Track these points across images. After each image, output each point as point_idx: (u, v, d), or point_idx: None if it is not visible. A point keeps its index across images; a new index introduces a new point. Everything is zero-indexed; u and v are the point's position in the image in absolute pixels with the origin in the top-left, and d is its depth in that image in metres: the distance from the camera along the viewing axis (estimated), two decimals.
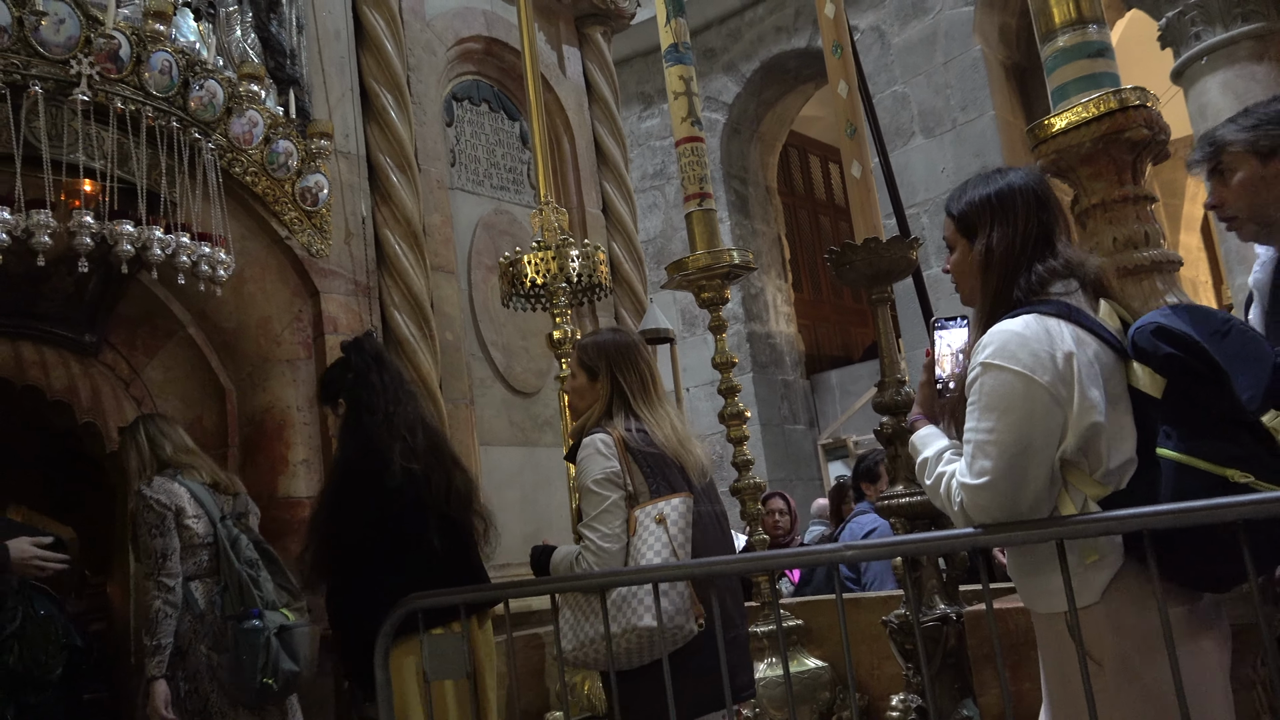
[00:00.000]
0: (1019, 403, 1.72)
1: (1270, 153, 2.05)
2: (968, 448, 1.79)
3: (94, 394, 3.82)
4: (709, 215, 3.76)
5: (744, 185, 10.31)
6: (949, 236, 2.00)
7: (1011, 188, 1.91)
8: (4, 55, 2.94)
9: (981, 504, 1.74)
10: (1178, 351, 1.69)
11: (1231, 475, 1.62)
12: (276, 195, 3.93)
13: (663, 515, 2.55)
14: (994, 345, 1.78)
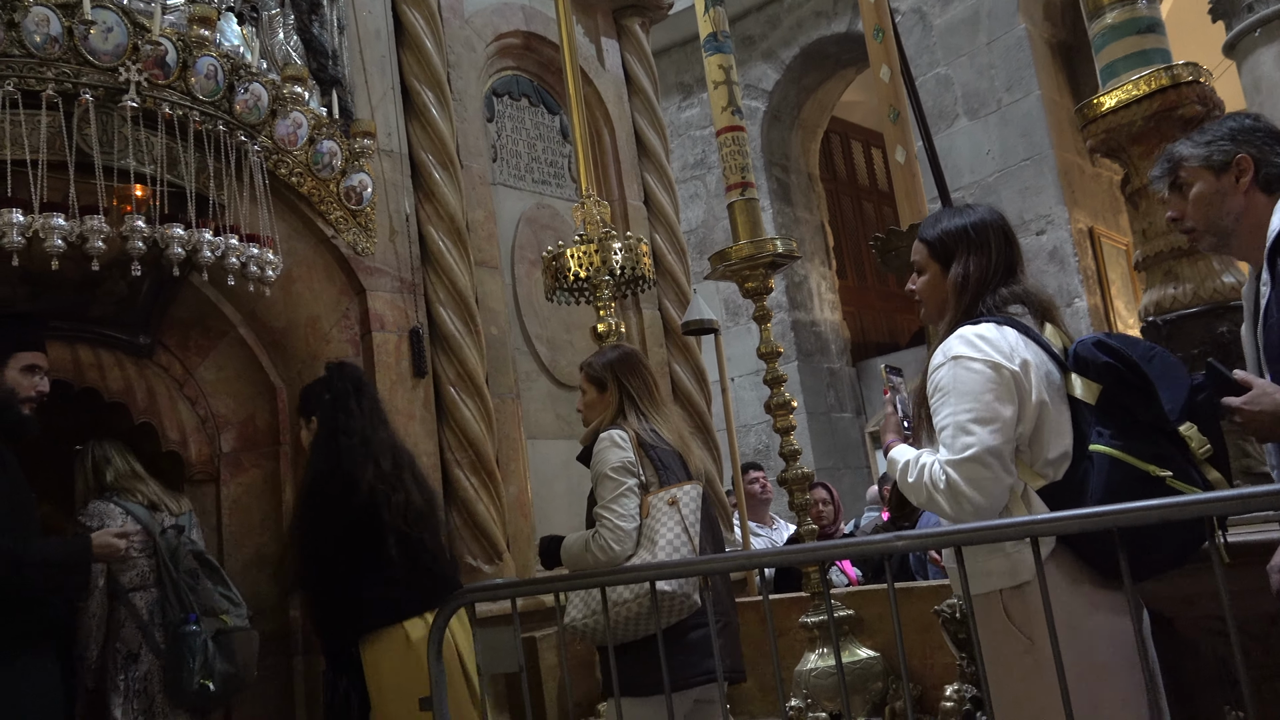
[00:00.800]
0: (990, 385, 1.98)
1: (1223, 167, 2.14)
2: (947, 431, 2.00)
3: (149, 395, 3.89)
4: (751, 204, 3.74)
5: (785, 173, 10.24)
6: (920, 260, 2.25)
7: (984, 222, 2.21)
8: (55, 65, 3.00)
9: (970, 475, 1.94)
10: (1113, 361, 1.97)
11: (1153, 470, 1.89)
12: (322, 195, 3.97)
13: (675, 498, 2.79)
14: (961, 342, 2.05)
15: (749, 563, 2.27)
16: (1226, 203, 2.14)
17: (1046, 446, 2.01)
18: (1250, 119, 2.19)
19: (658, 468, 2.87)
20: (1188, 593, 2.35)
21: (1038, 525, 1.84)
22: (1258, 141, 2.14)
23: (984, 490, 1.95)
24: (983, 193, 8.25)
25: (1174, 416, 1.94)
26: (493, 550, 4.15)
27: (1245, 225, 2.13)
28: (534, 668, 3.93)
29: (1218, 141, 2.16)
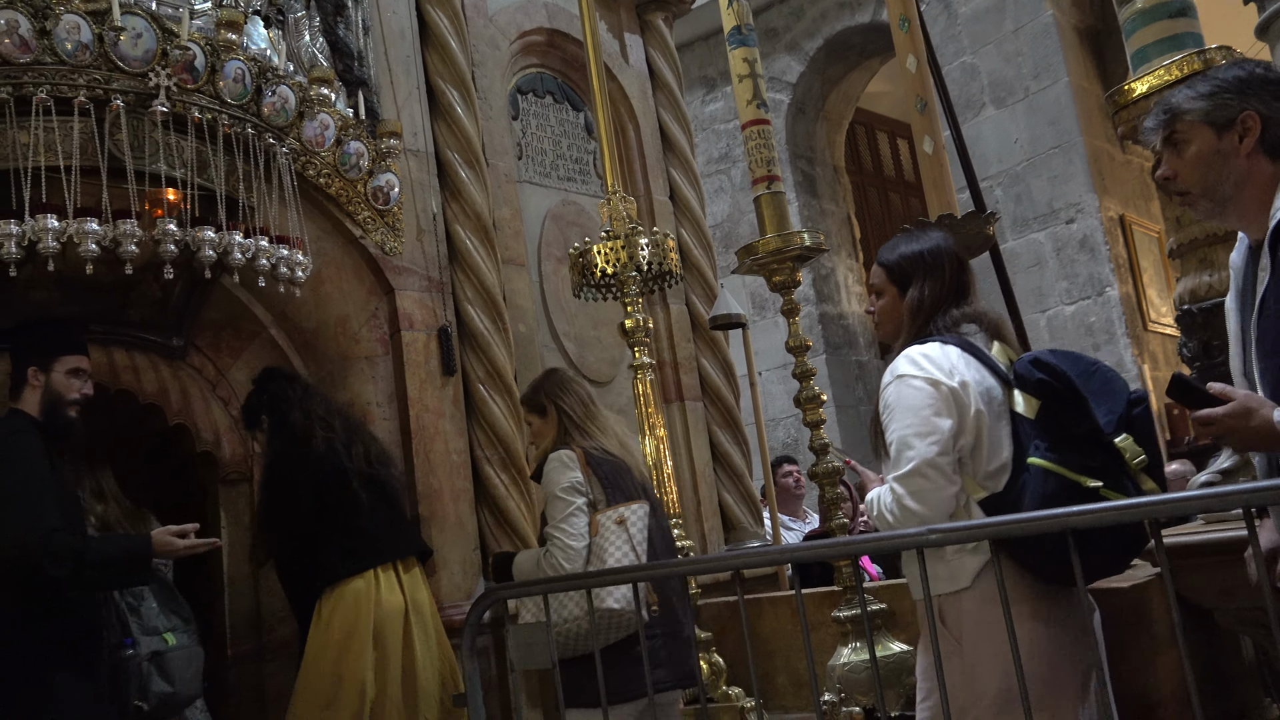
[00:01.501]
0: (929, 400, 2.10)
1: (1226, 125, 1.89)
2: (893, 447, 2.13)
3: (183, 396, 3.93)
4: (778, 198, 3.72)
5: (811, 165, 10.19)
6: (879, 283, 2.38)
7: (939, 248, 2.33)
8: (86, 71, 3.04)
9: (913, 488, 2.07)
10: (1047, 378, 2.07)
11: (1085, 481, 1.98)
12: (349, 196, 4.00)
13: (623, 518, 2.94)
14: (905, 362, 2.18)
15: (780, 558, 2.27)
16: (1227, 165, 1.90)
17: (986, 459, 2.12)
18: (1262, 68, 1.92)
19: (605, 485, 3.01)
20: (1227, 585, 2.32)
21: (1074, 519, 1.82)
22: (1266, 97, 1.87)
23: (926, 500, 2.07)
24: (1011, 181, 8.17)
25: (1109, 429, 2.03)
26: (524, 547, 4.16)
27: (1247, 193, 1.89)
28: None
29: (1221, 94, 1.89)
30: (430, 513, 4.02)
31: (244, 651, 3.94)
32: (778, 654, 3.82)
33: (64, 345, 3.22)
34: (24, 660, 2.86)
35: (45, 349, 3.19)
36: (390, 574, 3.44)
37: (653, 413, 3.87)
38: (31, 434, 3.05)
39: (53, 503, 2.94)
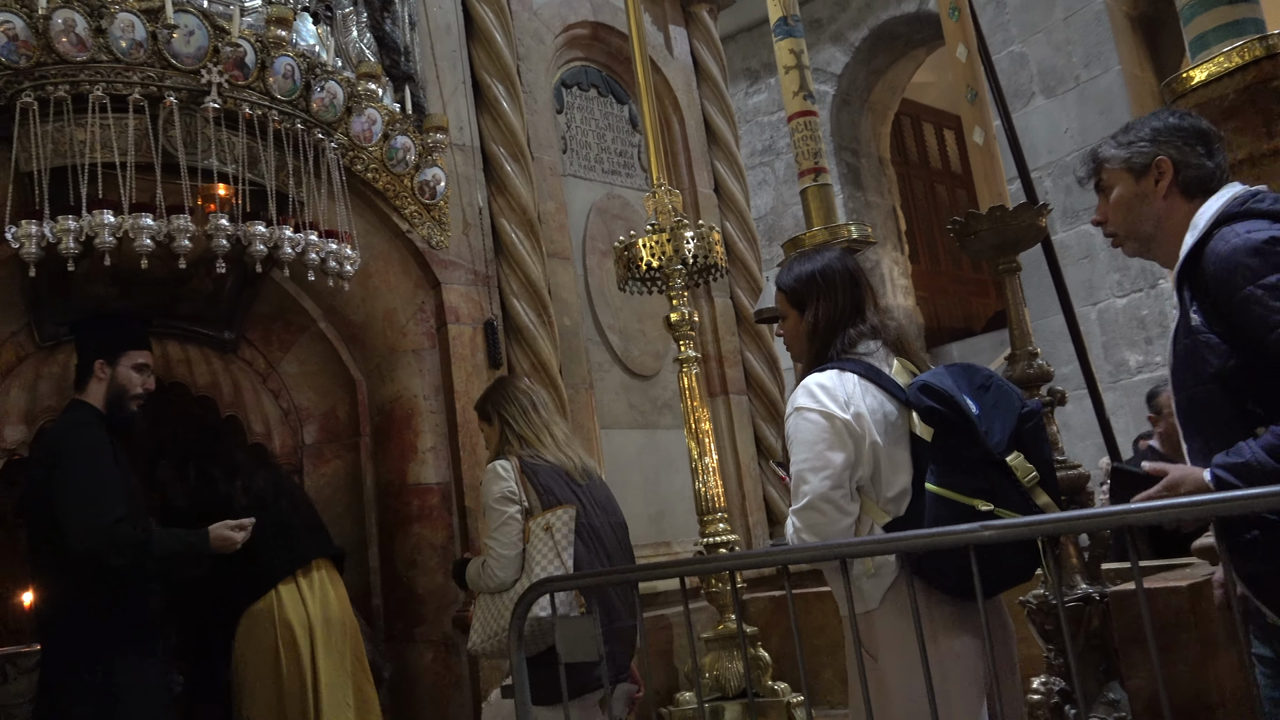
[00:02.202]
0: (823, 434, 2.15)
1: (1143, 170, 2.06)
2: (792, 481, 2.18)
3: (235, 389, 3.99)
4: (824, 190, 3.69)
5: (856, 157, 10.09)
6: (781, 307, 2.41)
7: (831, 268, 2.34)
8: (140, 69, 3.08)
9: (807, 521, 2.14)
10: (936, 405, 2.10)
11: (977, 504, 2.05)
12: (396, 190, 4.02)
13: (549, 524, 3.07)
14: (802, 394, 2.21)
15: (829, 553, 2.25)
16: (1146, 207, 2.07)
17: (886, 485, 2.17)
18: (1174, 117, 2.09)
19: (540, 491, 3.11)
20: None
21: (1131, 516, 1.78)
22: (1178, 142, 2.04)
23: (818, 532, 2.14)
24: (1061, 172, 8.03)
25: (999, 450, 2.08)
26: None
27: (1165, 231, 2.06)
28: None
29: (1138, 143, 2.07)
30: (477, 505, 4.04)
31: None
32: (824, 649, 3.80)
33: (130, 340, 3.31)
34: (90, 644, 2.95)
35: (112, 343, 3.27)
36: (291, 586, 3.52)
37: (698, 406, 3.85)
38: (97, 426, 3.13)
39: (118, 494, 3.01)
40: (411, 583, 3.98)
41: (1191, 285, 1.95)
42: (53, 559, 2.99)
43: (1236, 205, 1.95)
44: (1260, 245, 1.84)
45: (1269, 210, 1.92)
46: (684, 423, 3.84)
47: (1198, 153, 2.03)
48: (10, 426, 3.47)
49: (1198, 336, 1.91)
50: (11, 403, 3.49)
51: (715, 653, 3.83)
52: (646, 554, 4.64)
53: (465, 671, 3.92)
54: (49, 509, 2.95)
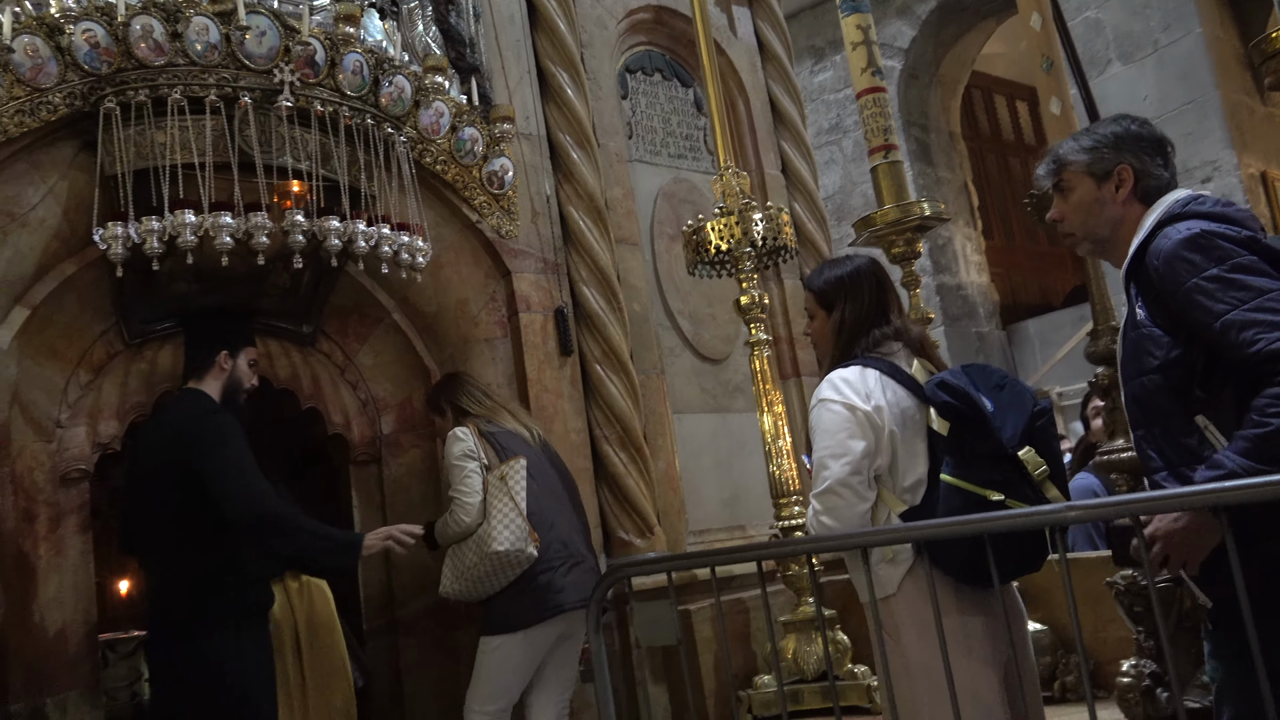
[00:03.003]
0: (845, 424, 2.29)
1: (1104, 176, 2.13)
2: (814, 467, 2.31)
3: (314, 381, 4.07)
4: (895, 167, 3.63)
5: (925, 132, 9.90)
6: (810, 307, 2.57)
7: (859, 273, 2.50)
8: (215, 71, 3.15)
9: (827, 505, 2.26)
10: (952, 400, 2.24)
11: (989, 494, 2.17)
12: (465, 181, 4.06)
13: (504, 474, 3.42)
14: (827, 387, 2.37)
15: (903, 536, 2.22)
16: (1105, 211, 2.14)
17: (902, 475, 2.30)
18: (1136, 124, 2.16)
19: (497, 449, 3.48)
20: None
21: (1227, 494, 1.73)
22: (1140, 151, 2.12)
23: (837, 516, 2.26)
24: None
25: (1011, 445, 2.21)
26: (644, 525, 4.19)
27: (1120, 235, 2.14)
28: (689, 640, 3.96)
29: (1100, 149, 2.14)
30: None
31: (377, 627, 4.08)
32: None
33: (248, 337, 3.47)
34: (221, 617, 3.07)
35: (235, 337, 3.40)
36: (279, 587, 3.62)
37: (770, 389, 3.83)
38: (230, 414, 3.23)
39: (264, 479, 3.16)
40: None
41: (1137, 282, 2.05)
42: (188, 538, 3.09)
43: (1179, 207, 2.04)
44: (1195, 239, 1.94)
45: (1208, 212, 2.00)
46: (756, 406, 3.82)
47: (1156, 163, 2.12)
48: (104, 422, 3.58)
49: (1142, 330, 2.01)
50: (104, 399, 3.61)
51: (794, 636, 3.82)
52: (721, 538, 4.64)
53: None
54: (190, 490, 3.04)
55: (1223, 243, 1.93)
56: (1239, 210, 2.04)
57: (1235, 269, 1.90)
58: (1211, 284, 1.90)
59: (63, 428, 3.49)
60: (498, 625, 3.39)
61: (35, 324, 3.40)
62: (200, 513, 3.06)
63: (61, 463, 3.46)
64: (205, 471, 3.05)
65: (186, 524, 3.08)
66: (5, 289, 3.28)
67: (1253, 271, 1.90)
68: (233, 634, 3.07)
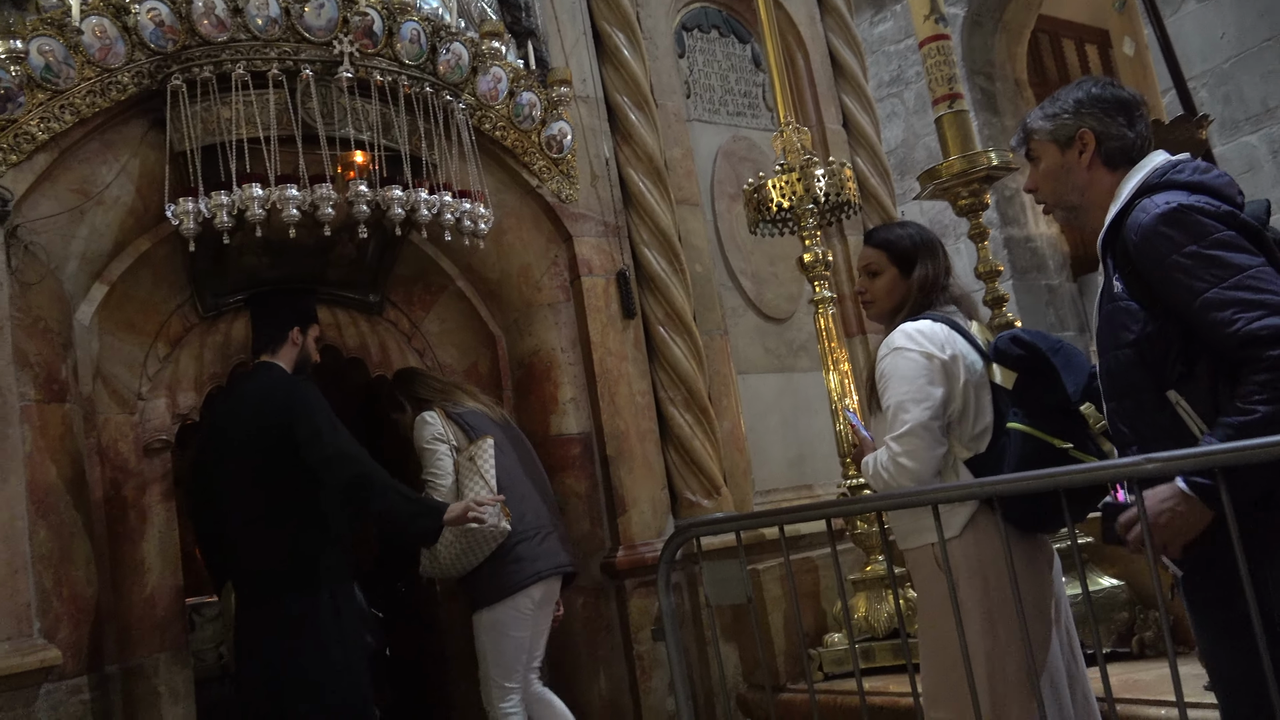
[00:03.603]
0: (924, 371, 2.37)
1: (1067, 142, 2.13)
2: (890, 411, 2.38)
3: (382, 349, 4.14)
4: (961, 117, 3.55)
5: (990, 81, 9.64)
6: (878, 263, 2.60)
7: (930, 237, 2.62)
8: (276, 45, 3.19)
9: (907, 447, 2.33)
10: (1026, 354, 2.36)
11: (1057, 443, 2.28)
12: (524, 146, 4.06)
13: (472, 455, 3.56)
14: (901, 337, 2.44)
15: (980, 492, 2.21)
16: (1071, 178, 2.14)
17: (972, 424, 2.40)
18: (1097, 87, 2.15)
19: (465, 429, 3.62)
20: None
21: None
22: (1099, 114, 2.10)
23: (917, 459, 2.33)
24: (1218, 81, 7.50)
25: (1075, 398, 2.29)
26: (710, 485, 4.20)
27: (1089, 200, 2.13)
28: (758, 599, 3.97)
29: (1061, 115, 2.14)
30: (618, 453, 4.10)
31: (449, 589, 4.15)
32: None
33: (314, 314, 3.60)
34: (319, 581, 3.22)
35: (306, 314, 3.54)
36: None
37: (835, 347, 3.80)
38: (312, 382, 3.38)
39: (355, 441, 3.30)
40: None
41: (1114, 254, 2.04)
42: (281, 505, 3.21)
43: (1157, 176, 2.01)
44: (1173, 214, 1.92)
45: (1187, 181, 1.97)
46: (821, 364, 3.79)
47: (1119, 123, 2.09)
48: (183, 393, 3.69)
49: (1118, 303, 2.01)
50: (182, 371, 3.71)
51: (863, 594, 3.81)
52: (788, 497, 4.63)
53: (615, 616, 4.02)
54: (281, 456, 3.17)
55: (1201, 218, 1.91)
56: (1218, 177, 2.00)
57: (1214, 245, 1.88)
58: (1190, 261, 1.89)
59: (143, 399, 3.59)
60: (484, 598, 3.51)
61: (114, 299, 3.50)
62: (292, 479, 3.19)
63: (144, 433, 3.57)
64: (300, 435, 3.17)
65: (279, 490, 3.21)
66: (85, 266, 3.38)
67: (1231, 248, 1.88)
68: (329, 597, 3.21)
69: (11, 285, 3.08)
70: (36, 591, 2.94)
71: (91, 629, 3.16)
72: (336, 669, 3.18)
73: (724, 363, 4.54)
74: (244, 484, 3.24)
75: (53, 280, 3.25)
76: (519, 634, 3.48)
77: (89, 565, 3.21)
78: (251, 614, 3.26)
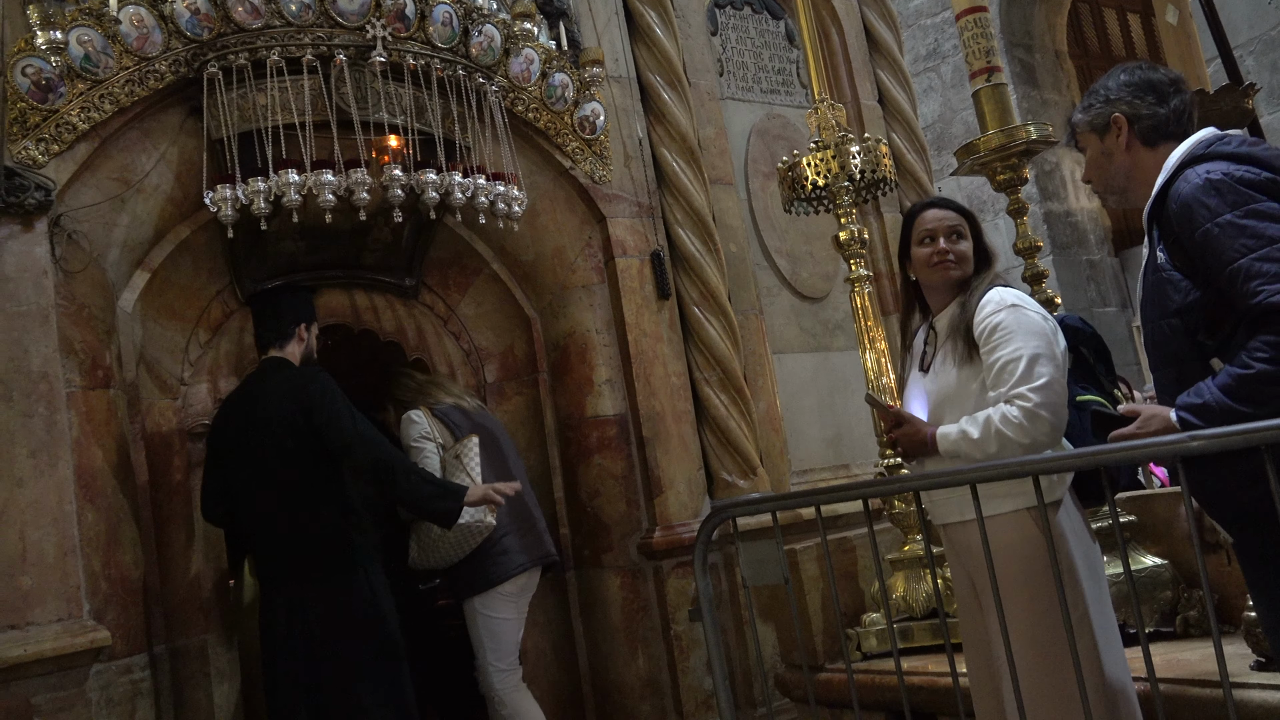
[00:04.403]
0: (1051, 331, 2.39)
1: (1104, 129, 2.20)
2: (1017, 364, 2.30)
3: (419, 332, 4.17)
4: (999, 91, 3.49)
5: (1029, 53, 9.48)
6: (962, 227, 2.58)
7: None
8: (310, 30, 3.20)
9: (1048, 399, 2.27)
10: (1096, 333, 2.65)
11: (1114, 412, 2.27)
12: (557, 128, 4.06)
13: (459, 453, 3.69)
14: (1012, 294, 2.43)
15: (1021, 470, 2.17)
16: (1114, 162, 2.20)
17: None
18: (1125, 74, 2.21)
19: (451, 426, 3.77)
20: None
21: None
22: (1128, 97, 2.17)
23: (1057, 412, 2.29)
24: (1265, 48, 7.31)
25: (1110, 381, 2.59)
26: (747, 465, 4.19)
27: (1135, 180, 2.18)
28: (795, 579, 3.96)
29: (1095, 106, 2.22)
30: (654, 435, 4.10)
31: None
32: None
33: (314, 310, 3.66)
34: (359, 560, 3.35)
35: (311, 311, 3.62)
36: None
37: (872, 325, 3.77)
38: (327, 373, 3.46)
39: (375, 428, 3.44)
40: (597, 512, 4.10)
41: (1159, 225, 2.07)
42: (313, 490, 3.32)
43: (1202, 148, 2.05)
44: (1214, 183, 1.95)
45: (1232, 152, 1.99)
46: (858, 343, 3.76)
47: (1148, 103, 2.15)
48: (224, 379, 3.74)
49: (1162, 273, 2.04)
50: (223, 356, 3.77)
51: (901, 574, 3.79)
52: (825, 477, 4.61)
53: (653, 596, 4.03)
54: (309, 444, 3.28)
55: (1241, 186, 1.93)
56: (1266, 150, 2.01)
57: (1250, 215, 1.90)
58: (1224, 229, 1.91)
59: (186, 385, 3.65)
60: (474, 587, 3.68)
61: (156, 286, 3.55)
62: (320, 465, 3.29)
63: (187, 418, 3.63)
64: (324, 424, 3.25)
65: (311, 477, 3.30)
66: (127, 254, 3.42)
67: (1267, 218, 1.89)
68: (368, 574, 3.33)
69: (56, 274, 3.14)
70: (85, 574, 3.01)
71: (139, 610, 3.23)
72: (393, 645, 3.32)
73: (759, 342, 4.53)
74: (278, 473, 3.30)
75: (96, 268, 3.30)
76: (508, 617, 3.69)
77: (135, 548, 3.27)
78: (288, 595, 3.30)
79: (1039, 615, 2.29)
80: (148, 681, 3.19)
